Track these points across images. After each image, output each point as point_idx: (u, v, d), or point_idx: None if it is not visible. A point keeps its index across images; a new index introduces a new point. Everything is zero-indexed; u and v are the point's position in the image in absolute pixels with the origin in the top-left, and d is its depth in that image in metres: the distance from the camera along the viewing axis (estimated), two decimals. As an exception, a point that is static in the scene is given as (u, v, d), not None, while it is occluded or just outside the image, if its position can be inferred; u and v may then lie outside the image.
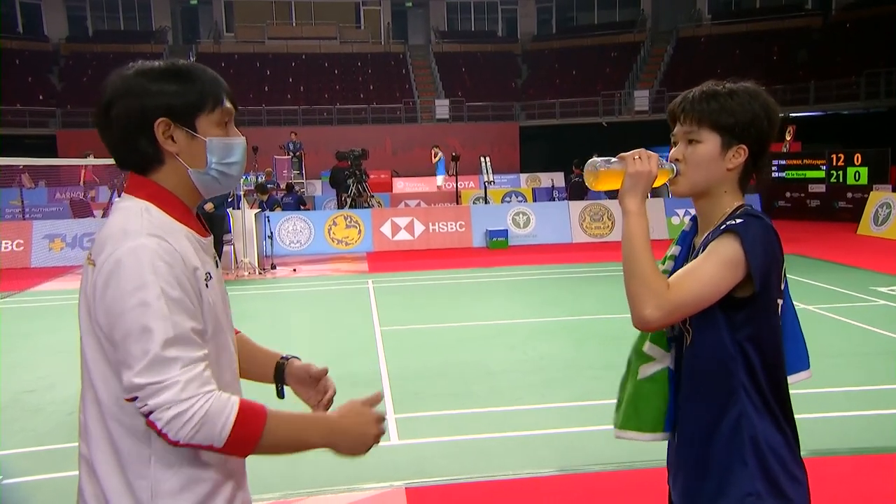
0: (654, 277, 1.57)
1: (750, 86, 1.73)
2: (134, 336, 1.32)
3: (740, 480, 1.59)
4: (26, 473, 4.06)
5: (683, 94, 1.74)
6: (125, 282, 1.34)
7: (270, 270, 11.63)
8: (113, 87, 1.47)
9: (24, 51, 29.32)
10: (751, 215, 1.62)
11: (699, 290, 1.55)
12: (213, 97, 1.49)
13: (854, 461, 4.08)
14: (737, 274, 1.55)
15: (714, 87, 1.71)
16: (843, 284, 9.04)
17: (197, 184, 1.51)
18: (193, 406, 1.31)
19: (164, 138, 1.45)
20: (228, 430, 1.33)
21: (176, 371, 1.32)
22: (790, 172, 16.98)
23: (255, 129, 25.85)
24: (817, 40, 27.29)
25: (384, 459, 4.29)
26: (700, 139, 1.68)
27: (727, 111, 1.66)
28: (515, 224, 14.34)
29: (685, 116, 1.69)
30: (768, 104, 1.70)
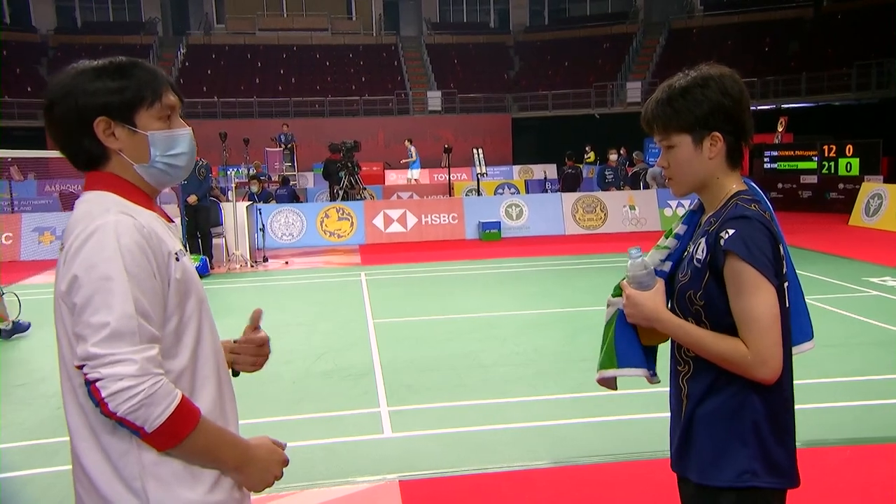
0: (732, 351, 1.64)
1: (702, 73, 1.75)
2: (93, 307, 1.34)
3: (738, 458, 1.67)
4: (18, 468, 4.03)
5: (647, 103, 1.80)
6: (91, 254, 1.36)
7: (262, 263, 11.59)
8: (53, 89, 1.50)
9: (12, 42, 29.04)
10: (738, 217, 1.66)
11: (762, 321, 1.62)
12: (152, 91, 1.50)
13: (848, 451, 4.08)
14: (770, 286, 1.62)
15: (668, 91, 1.76)
16: (834, 275, 9.07)
17: (145, 177, 1.52)
18: (143, 384, 1.32)
19: (106, 136, 1.47)
20: (164, 418, 1.34)
21: (133, 346, 1.33)
22: (782, 164, 17.02)
23: (246, 121, 25.74)
24: (808, 31, 27.34)
25: (377, 452, 4.28)
26: (673, 144, 1.75)
27: (684, 111, 1.71)
28: (508, 216, 14.33)
29: (653, 127, 1.77)
30: (724, 84, 1.72)
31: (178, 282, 1.45)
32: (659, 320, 1.74)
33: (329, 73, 30.63)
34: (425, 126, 27.34)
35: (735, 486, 1.67)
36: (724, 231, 1.64)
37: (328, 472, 3.96)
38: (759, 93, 25.06)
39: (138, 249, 1.38)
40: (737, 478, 1.66)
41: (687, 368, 1.76)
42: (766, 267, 1.61)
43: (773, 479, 1.68)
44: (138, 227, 1.40)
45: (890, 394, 4.99)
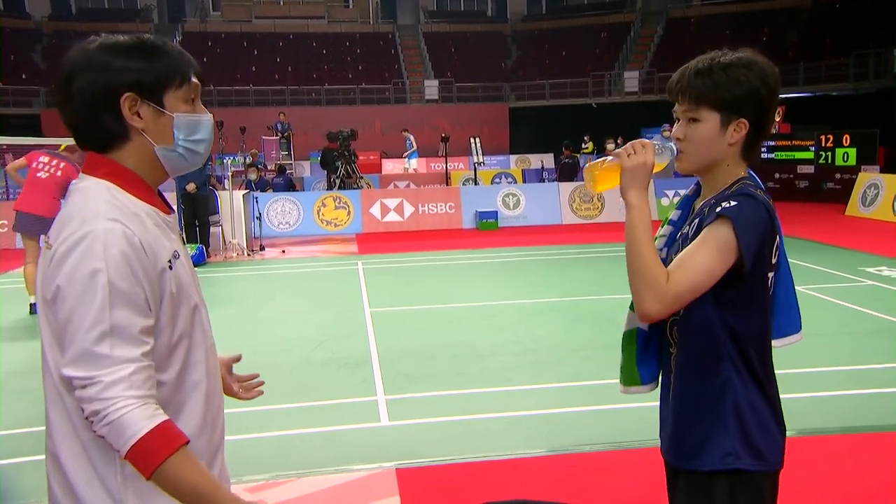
0: (654, 271, 1.61)
1: (746, 55, 1.70)
2: (72, 323, 1.29)
3: (721, 441, 1.67)
4: (15, 455, 4.03)
5: (681, 70, 1.72)
6: (75, 266, 1.30)
7: (259, 252, 11.57)
8: (74, 62, 1.41)
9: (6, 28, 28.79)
10: (745, 195, 1.63)
11: (694, 279, 1.60)
12: (181, 73, 1.46)
13: (843, 440, 4.10)
14: (729, 258, 1.59)
15: (709, 63, 1.68)
16: (831, 265, 9.09)
17: (163, 161, 1.47)
18: (109, 408, 1.27)
19: (131, 114, 1.41)
20: (129, 445, 1.28)
21: (103, 369, 1.28)
22: (779, 153, 17.02)
23: (242, 110, 25.64)
24: (806, 21, 27.27)
25: (374, 441, 4.29)
26: (700, 118, 1.68)
27: (723, 86, 1.65)
28: (505, 205, 14.31)
29: (683, 95, 1.69)
30: (766, 72, 1.69)
31: (172, 295, 1.39)
32: (638, 196, 1.66)
33: (326, 61, 30.49)
34: (422, 115, 27.25)
35: (720, 470, 1.67)
36: (725, 202, 1.62)
37: (325, 460, 3.97)
38: (757, 82, 25.03)
39: (124, 262, 1.30)
40: (720, 461, 1.67)
41: (675, 350, 1.74)
42: (746, 246, 1.58)
43: (756, 462, 1.69)
44: (128, 236, 1.32)
45: (886, 382, 5.01)
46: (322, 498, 3.59)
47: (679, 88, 1.71)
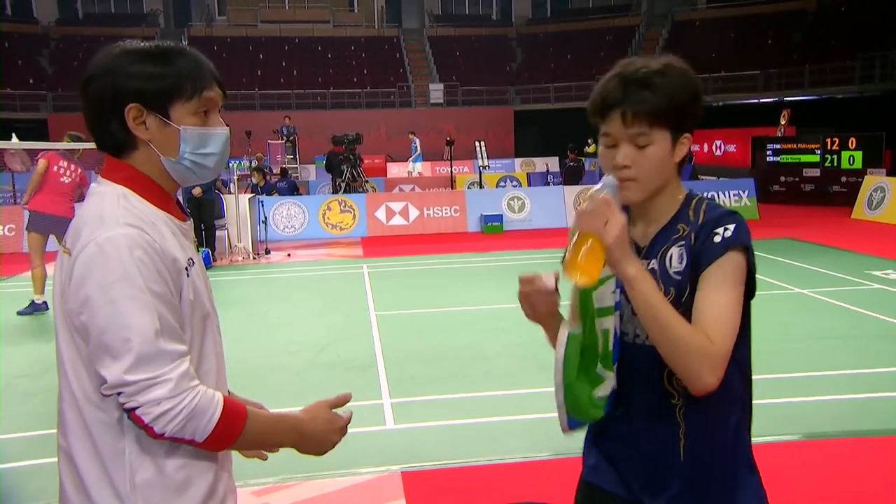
0: (695, 339, 1.40)
1: (670, 60, 1.52)
2: (116, 330, 1.28)
3: (752, 487, 1.56)
4: (21, 458, 4.05)
5: (613, 84, 1.48)
6: (106, 272, 1.28)
7: (265, 255, 11.60)
8: (95, 65, 1.41)
9: (14, 34, 29.02)
10: (727, 214, 1.50)
11: (734, 327, 1.44)
12: (192, 84, 1.41)
13: (849, 444, 4.09)
14: (743, 287, 1.48)
15: (645, 72, 1.47)
16: (837, 268, 9.06)
17: (171, 172, 1.44)
18: (183, 401, 1.30)
19: (136, 124, 1.39)
20: (212, 426, 1.33)
21: (167, 366, 1.29)
22: (784, 157, 16.98)
23: (248, 114, 25.73)
24: (812, 24, 27.25)
25: (380, 444, 4.30)
26: (651, 141, 1.47)
27: (676, 100, 1.46)
28: (510, 209, 14.32)
29: (629, 114, 1.45)
30: (695, 78, 1.53)
31: (190, 301, 1.39)
32: (636, 267, 1.42)
33: (331, 65, 30.58)
34: (427, 119, 27.31)
35: None
36: (720, 228, 1.46)
37: (331, 463, 3.98)
38: (762, 85, 25.01)
39: (152, 264, 1.31)
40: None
41: (681, 401, 1.51)
42: (753, 269, 1.48)
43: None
44: (149, 241, 1.32)
45: (892, 386, 5.00)
46: (329, 500, 3.60)
47: (622, 106, 1.46)
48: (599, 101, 1.51)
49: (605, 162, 1.54)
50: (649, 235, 1.57)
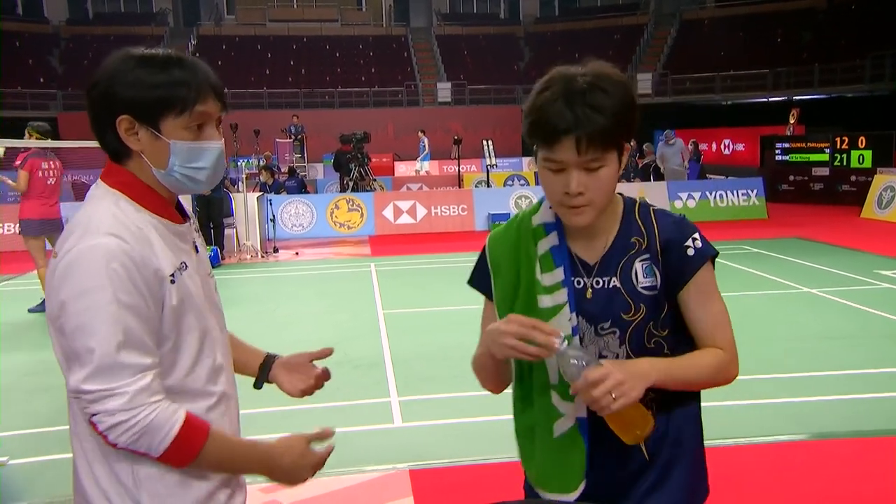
0: (714, 365, 1.48)
1: (601, 68, 1.44)
2: (82, 338, 1.30)
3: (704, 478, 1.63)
4: (30, 454, 4.08)
5: (554, 110, 1.38)
6: (80, 280, 1.30)
7: (273, 254, 11.64)
8: (100, 70, 1.41)
9: (25, 33, 29.20)
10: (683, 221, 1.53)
11: (730, 321, 1.54)
12: (183, 99, 1.38)
13: (857, 444, 4.08)
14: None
15: (588, 90, 1.38)
16: (846, 268, 9.03)
17: (163, 183, 1.44)
18: (138, 416, 1.30)
19: (128, 135, 1.39)
20: (167, 443, 1.33)
21: (124, 379, 1.30)
22: (794, 156, 16.91)
23: (256, 113, 25.80)
24: (822, 22, 27.10)
25: (388, 442, 4.32)
26: (604, 163, 1.41)
27: (623, 119, 1.40)
28: (518, 207, 14.31)
29: (587, 143, 1.36)
30: (631, 86, 1.47)
31: (173, 308, 1.39)
32: (656, 370, 1.41)
33: (339, 64, 30.63)
34: (435, 117, 27.31)
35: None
36: (688, 241, 1.49)
37: (339, 461, 3.97)
38: (771, 84, 24.90)
39: (126, 275, 1.31)
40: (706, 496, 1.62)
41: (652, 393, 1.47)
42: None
43: None
44: (127, 251, 1.32)
45: (900, 386, 4.98)
46: (337, 498, 3.62)
47: (574, 132, 1.36)
48: (548, 127, 1.38)
49: (551, 189, 1.44)
50: (597, 250, 1.51)
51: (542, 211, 1.57)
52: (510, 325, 1.40)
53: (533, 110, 1.43)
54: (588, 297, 1.50)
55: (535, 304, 1.51)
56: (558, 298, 1.49)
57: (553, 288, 1.50)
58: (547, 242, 1.53)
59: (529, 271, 1.54)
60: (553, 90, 1.40)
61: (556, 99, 1.38)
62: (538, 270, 1.52)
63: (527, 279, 1.54)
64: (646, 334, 1.49)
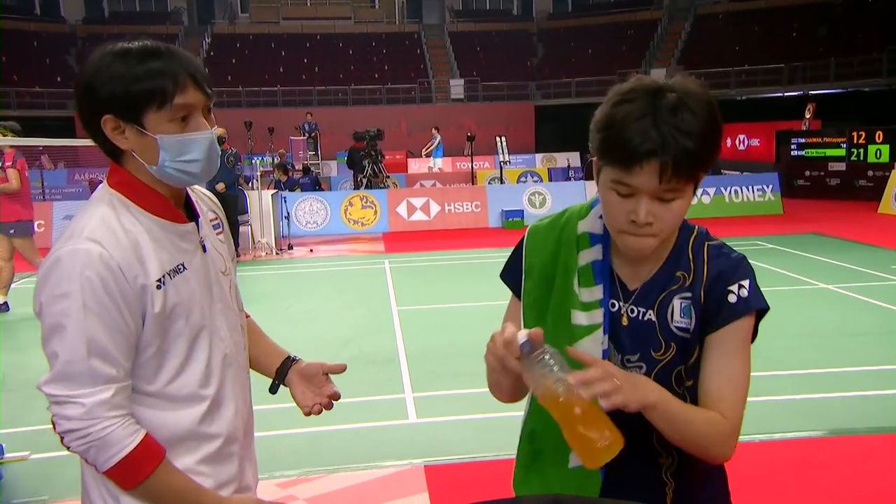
0: (710, 429, 1.29)
1: (695, 88, 1.27)
2: (51, 341, 1.31)
3: None
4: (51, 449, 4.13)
5: (640, 128, 1.20)
6: (55, 284, 1.30)
7: (287, 251, 11.70)
8: (83, 69, 1.38)
9: (42, 33, 29.48)
10: (737, 262, 1.34)
11: (747, 389, 1.34)
12: (162, 92, 1.33)
13: (874, 440, 4.05)
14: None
15: (683, 116, 1.21)
16: (863, 263, 8.95)
17: (161, 179, 1.40)
18: (93, 427, 1.30)
19: (115, 135, 1.36)
20: (114, 461, 1.32)
21: (84, 388, 1.29)
22: (810, 151, 16.77)
23: (270, 110, 25.91)
24: (838, 16, 26.81)
25: (403, 438, 4.34)
26: (680, 195, 1.26)
27: (713, 146, 1.25)
28: (531, 204, 14.30)
29: (673, 171, 1.20)
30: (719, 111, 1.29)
31: (155, 315, 1.35)
32: (656, 389, 1.26)
33: (352, 61, 30.68)
34: (448, 114, 27.30)
35: None
36: (734, 286, 1.32)
37: (355, 457, 4.02)
38: (787, 79, 24.69)
39: (100, 284, 1.29)
40: None
41: (671, 461, 1.39)
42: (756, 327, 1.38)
43: None
44: (105, 259, 1.30)
45: (919, 383, 4.94)
46: (352, 493, 3.64)
47: (660, 157, 1.19)
48: (628, 148, 1.20)
49: (615, 213, 1.28)
50: (640, 276, 1.37)
51: (590, 218, 1.42)
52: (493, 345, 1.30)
53: (609, 124, 1.24)
54: (623, 325, 1.37)
55: (568, 319, 1.38)
56: (594, 318, 1.36)
57: (590, 305, 1.37)
58: (590, 254, 1.39)
59: (566, 281, 1.40)
60: (637, 104, 1.22)
61: (641, 115, 1.21)
62: (576, 282, 1.39)
63: (562, 289, 1.41)
64: (674, 378, 1.35)
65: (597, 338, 1.35)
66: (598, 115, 1.29)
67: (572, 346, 1.31)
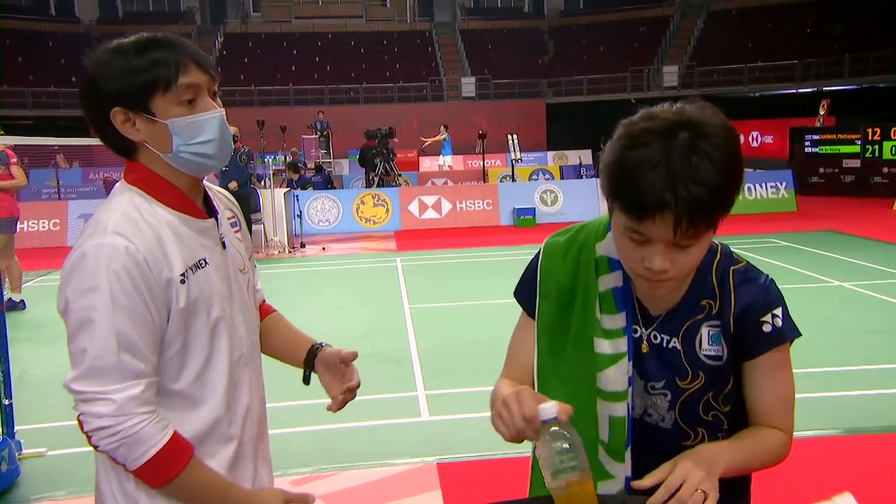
0: (774, 448, 1.32)
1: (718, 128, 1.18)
2: (77, 338, 1.30)
3: None
4: (68, 446, 4.18)
5: (651, 181, 1.12)
6: (81, 279, 1.29)
7: (300, 249, 11.74)
8: (87, 69, 1.37)
9: (57, 33, 29.73)
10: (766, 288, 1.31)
11: (793, 401, 1.37)
12: (166, 74, 1.32)
13: (890, 439, 4.03)
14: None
15: (704, 168, 1.12)
16: (879, 261, 8.88)
17: (178, 167, 1.39)
18: (124, 424, 1.28)
19: (126, 128, 1.35)
20: (145, 459, 1.30)
21: (115, 384, 1.28)
22: (824, 147, 16.65)
23: (282, 109, 26.00)
24: (852, 11, 26.58)
25: (415, 435, 4.35)
26: (697, 241, 1.20)
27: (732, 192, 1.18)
28: (543, 202, 14.28)
29: (687, 224, 1.14)
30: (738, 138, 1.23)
31: (180, 310, 1.34)
32: (724, 461, 1.24)
33: (363, 60, 30.73)
34: (459, 112, 27.30)
35: None
36: (767, 316, 1.30)
37: (368, 454, 4.04)
38: (801, 75, 24.52)
39: (128, 277, 1.28)
40: None
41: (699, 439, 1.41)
42: None
43: None
44: (131, 252, 1.29)
45: (935, 382, 4.90)
46: (365, 491, 3.66)
47: (673, 210, 1.12)
48: (640, 202, 1.14)
49: (629, 258, 1.24)
50: (663, 303, 1.34)
51: (607, 241, 1.36)
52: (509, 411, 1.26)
53: (620, 172, 1.17)
54: (644, 352, 1.34)
55: (591, 347, 1.34)
56: (619, 346, 1.33)
57: (614, 333, 1.34)
58: (610, 280, 1.35)
59: (587, 306, 1.36)
60: (648, 150, 1.14)
61: (652, 165, 1.13)
62: (598, 308, 1.35)
63: (583, 314, 1.36)
64: (702, 406, 1.33)
65: (622, 367, 1.33)
66: (607, 157, 1.22)
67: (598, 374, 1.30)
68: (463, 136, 23.89)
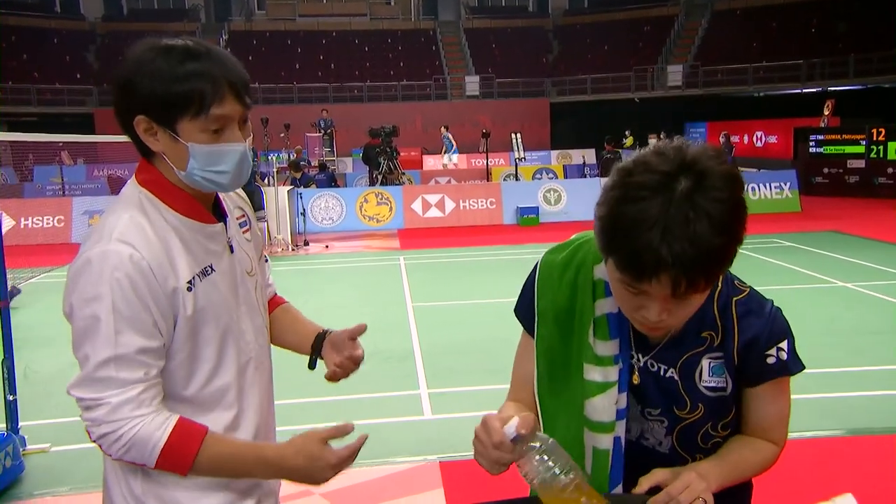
0: (765, 460, 1.35)
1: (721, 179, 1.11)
2: (81, 346, 1.31)
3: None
4: (72, 442, 4.19)
5: (647, 242, 1.06)
6: (85, 286, 1.30)
7: (303, 247, 11.76)
8: (126, 60, 1.34)
9: (62, 30, 29.76)
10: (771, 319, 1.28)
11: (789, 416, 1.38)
12: (200, 101, 1.29)
13: (892, 440, 4.02)
14: None
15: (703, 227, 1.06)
16: (883, 262, 8.87)
17: (188, 184, 1.38)
18: (122, 428, 1.29)
19: (147, 136, 1.34)
20: (157, 453, 1.31)
21: (109, 391, 1.29)
22: (828, 148, 16.62)
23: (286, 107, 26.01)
24: (858, 11, 26.50)
25: (418, 433, 4.36)
26: (698, 292, 1.13)
27: (733, 248, 1.13)
28: (546, 201, 14.27)
29: (686, 286, 1.10)
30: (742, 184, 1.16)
31: (187, 318, 1.34)
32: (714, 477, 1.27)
33: (368, 58, 30.73)
34: (463, 111, 27.30)
35: None
36: (772, 349, 1.27)
37: (371, 453, 4.02)
38: (805, 75, 24.46)
39: (130, 286, 1.28)
40: None
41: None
42: None
43: None
44: (136, 260, 1.28)
45: (938, 383, 4.90)
46: (367, 490, 3.66)
47: (671, 271, 1.07)
48: (636, 263, 1.08)
49: (625, 306, 1.20)
50: (663, 345, 1.31)
51: (604, 265, 1.27)
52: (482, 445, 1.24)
53: (616, 228, 1.11)
54: (636, 383, 1.32)
55: (580, 374, 1.31)
56: (609, 375, 1.29)
57: (605, 361, 1.30)
58: (606, 305, 1.31)
59: (581, 331, 1.32)
60: (645, 206, 1.07)
61: (649, 225, 1.06)
62: (591, 333, 1.31)
63: (578, 339, 1.33)
64: (701, 435, 1.32)
65: (610, 396, 1.29)
66: (602, 209, 1.15)
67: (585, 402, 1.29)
68: (466, 135, 23.89)
